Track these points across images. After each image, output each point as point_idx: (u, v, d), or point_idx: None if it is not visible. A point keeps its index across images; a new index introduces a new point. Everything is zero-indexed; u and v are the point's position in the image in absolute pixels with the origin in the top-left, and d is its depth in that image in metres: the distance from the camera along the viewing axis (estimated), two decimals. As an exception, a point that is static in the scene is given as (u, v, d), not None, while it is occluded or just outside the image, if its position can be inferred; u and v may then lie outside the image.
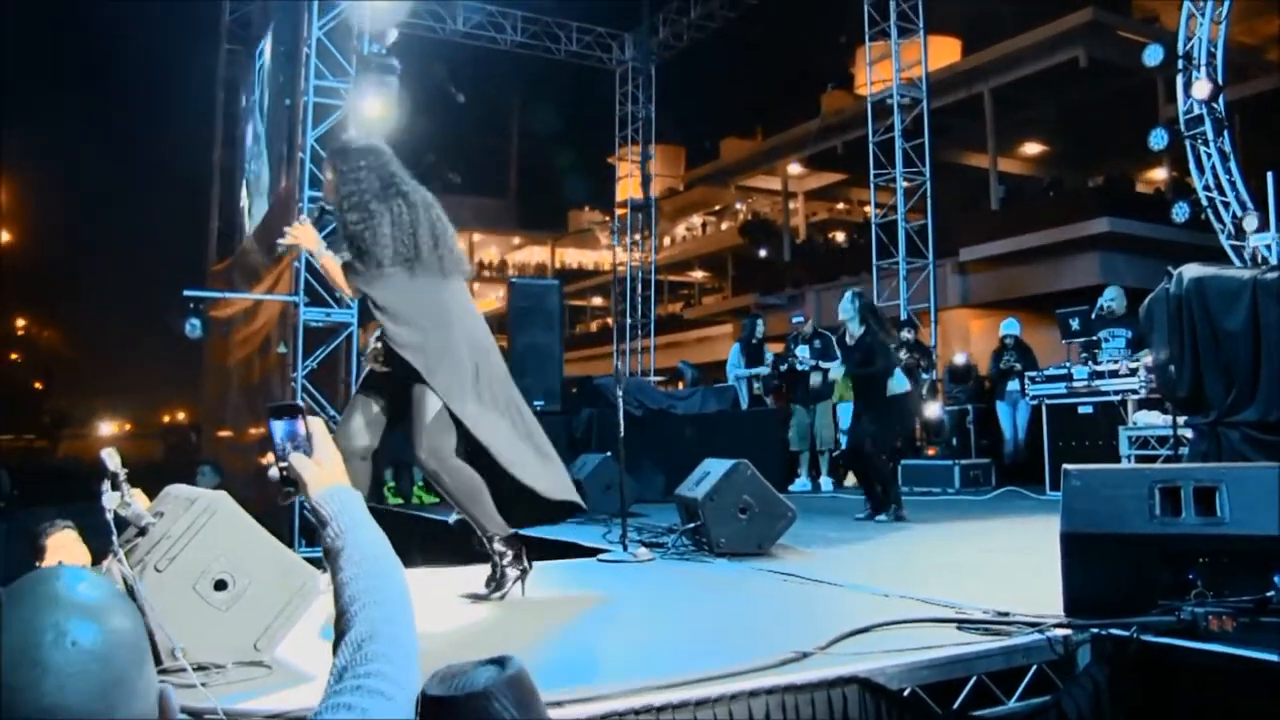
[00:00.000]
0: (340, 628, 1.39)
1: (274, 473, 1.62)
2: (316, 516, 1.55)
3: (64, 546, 4.63)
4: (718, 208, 40.21)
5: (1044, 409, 9.81)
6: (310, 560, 3.18)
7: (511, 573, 4.34)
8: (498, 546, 4.32)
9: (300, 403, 1.65)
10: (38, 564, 4.58)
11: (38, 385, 47.50)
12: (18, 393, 44.15)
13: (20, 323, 46.34)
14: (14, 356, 46.93)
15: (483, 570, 4.42)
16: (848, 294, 8.09)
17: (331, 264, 4.37)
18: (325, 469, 1.60)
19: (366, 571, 1.45)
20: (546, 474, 4.49)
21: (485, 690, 1.49)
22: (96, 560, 4.94)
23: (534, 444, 4.52)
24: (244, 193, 17.23)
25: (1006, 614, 3.43)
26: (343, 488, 1.58)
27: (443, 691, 1.51)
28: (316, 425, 1.63)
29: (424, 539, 8.47)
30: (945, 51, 24.56)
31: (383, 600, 1.40)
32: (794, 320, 11.90)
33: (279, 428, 1.62)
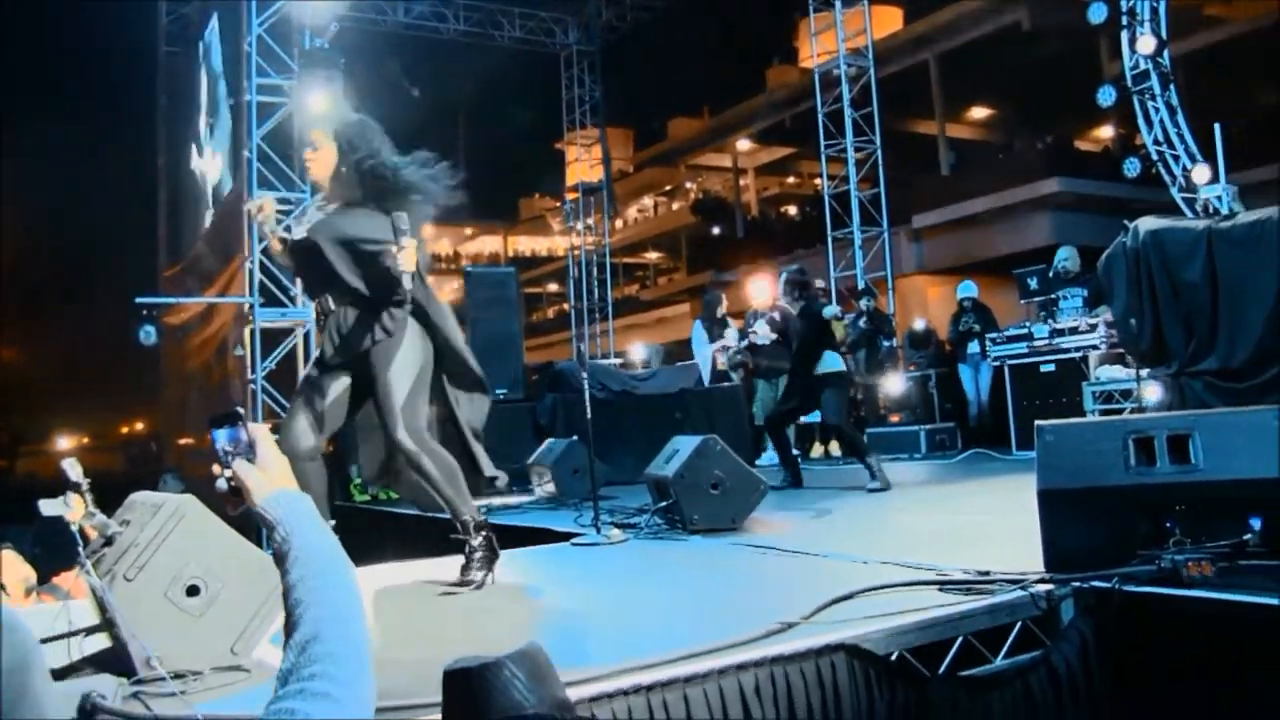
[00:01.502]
0: (287, 630, 1.36)
1: (221, 483, 1.59)
2: (263, 521, 1.53)
3: (5, 565, 4.54)
4: (668, 188, 40.21)
5: (1006, 369, 9.87)
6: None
7: (486, 559, 4.29)
8: (473, 532, 4.27)
9: (240, 409, 1.62)
10: None
11: (-11, 403, 46.72)
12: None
13: (-36, 338, 45.52)
14: (-36, 374, 46.12)
15: (455, 561, 4.37)
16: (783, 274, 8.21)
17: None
18: (270, 474, 1.57)
19: (313, 572, 1.42)
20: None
21: (497, 660, 1.56)
22: (54, 574, 4.86)
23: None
24: (200, 197, 16.99)
25: (988, 573, 3.43)
26: (288, 491, 1.56)
27: (461, 665, 1.58)
28: (259, 430, 1.61)
29: (396, 534, 8.41)
30: (887, 21, 24.63)
31: (328, 600, 1.38)
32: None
33: (221, 436, 1.59)
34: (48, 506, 3.87)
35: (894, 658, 2.89)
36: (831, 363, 7.73)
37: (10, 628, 1.08)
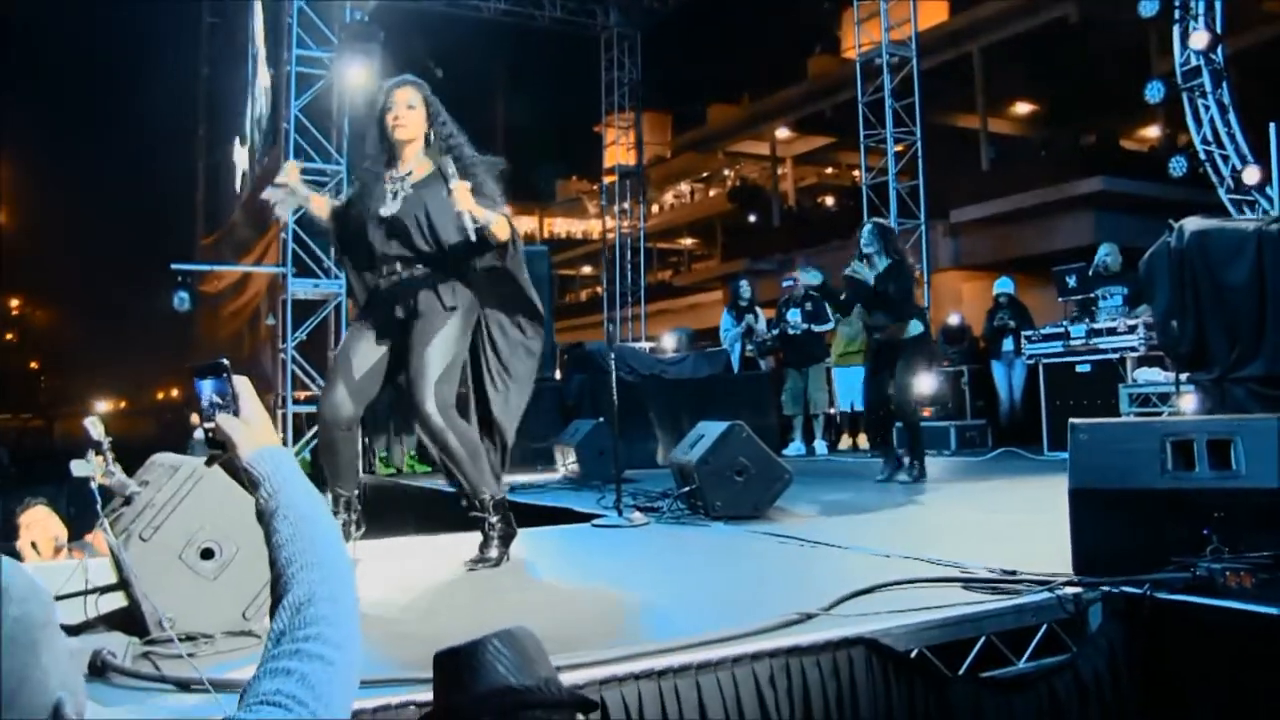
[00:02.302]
0: (277, 591, 1.33)
1: (199, 434, 1.55)
2: (248, 478, 1.49)
3: (37, 522, 4.59)
4: (706, 174, 40.05)
5: (1040, 368, 9.72)
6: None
7: (503, 537, 4.25)
8: (492, 510, 4.23)
9: (225, 360, 1.56)
10: (15, 542, 4.54)
11: (33, 365, 47.46)
12: (14, 373, 44.17)
13: (14, 303, 46.23)
14: (9, 337, 46.87)
15: (475, 537, 4.33)
16: (868, 225, 7.53)
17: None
18: (254, 429, 1.53)
19: (301, 533, 1.39)
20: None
21: (483, 638, 1.55)
22: (86, 532, 4.89)
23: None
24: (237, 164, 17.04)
25: (1014, 573, 3.34)
26: (274, 448, 1.52)
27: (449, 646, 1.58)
28: (243, 384, 1.56)
29: (418, 508, 8.40)
30: (933, 12, 24.35)
31: (319, 561, 1.35)
32: (784, 284, 11.81)
33: (205, 387, 1.54)
34: (78, 467, 3.86)
35: (914, 655, 2.82)
36: (916, 328, 7.42)
37: (29, 588, 1.04)
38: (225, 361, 1.57)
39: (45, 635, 1.02)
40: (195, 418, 1.56)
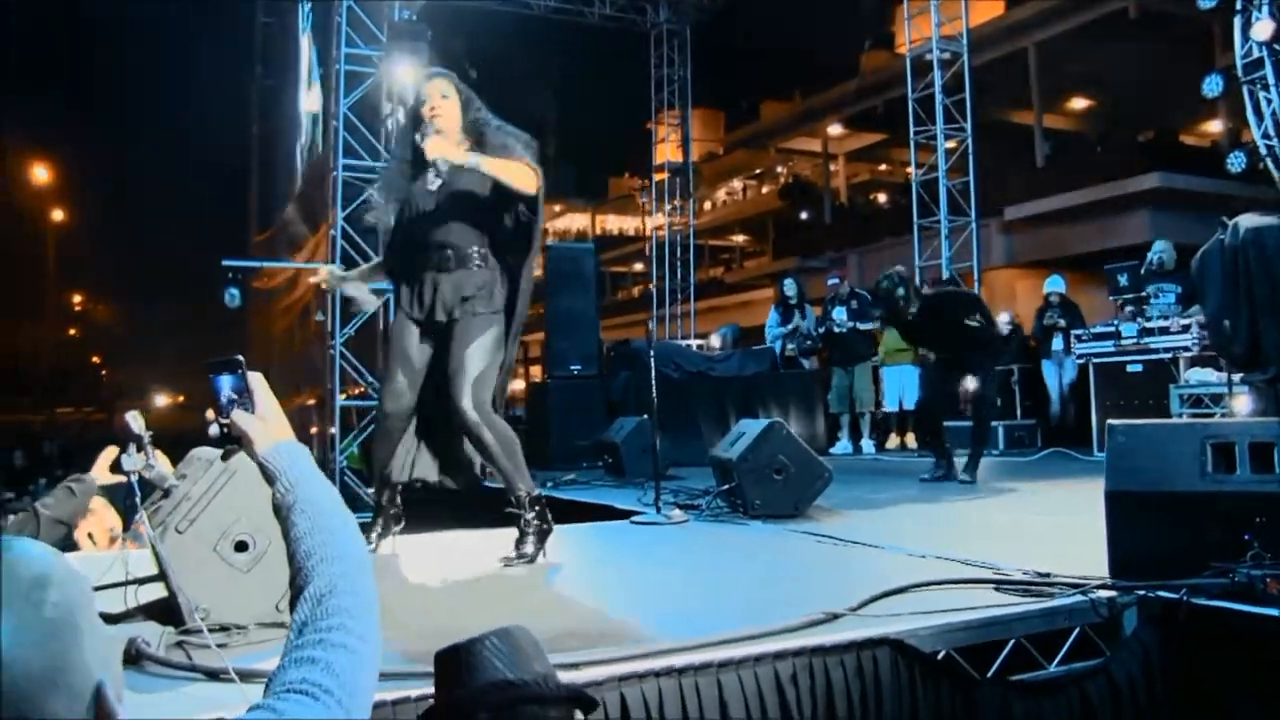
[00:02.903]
0: (298, 583, 1.36)
1: (214, 429, 1.58)
2: (264, 472, 1.53)
3: (94, 513, 4.67)
4: (758, 171, 39.84)
5: (1091, 368, 9.57)
6: (361, 525, 3.10)
7: (539, 533, 4.26)
8: (528, 507, 4.24)
9: (240, 356, 1.59)
10: (72, 531, 4.62)
11: (95, 359, 48.33)
12: (76, 367, 45.02)
13: (76, 299, 47.11)
14: (72, 332, 47.74)
15: (511, 534, 4.34)
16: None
17: (495, 161, 4.06)
18: (269, 424, 1.57)
19: (320, 526, 1.42)
20: None
21: (479, 637, 1.59)
22: (128, 525, 4.97)
23: None
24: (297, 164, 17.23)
25: (1047, 575, 3.29)
26: (289, 442, 1.55)
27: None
28: (258, 380, 1.59)
29: (454, 504, 8.44)
30: (989, 7, 24.05)
31: (338, 555, 1.38)
32: (829, 282, 11.74)
33: (221, 383, 1.58)
34: (127, 462, 3.93)
35: (940, 656, 2.79)
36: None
37: (68, 573, 1.06)
38: (240, 357, 1.61)
39: (86, 619, 1.04)
40: (210, 412, 1.58)
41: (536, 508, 4.28)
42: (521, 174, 4.05)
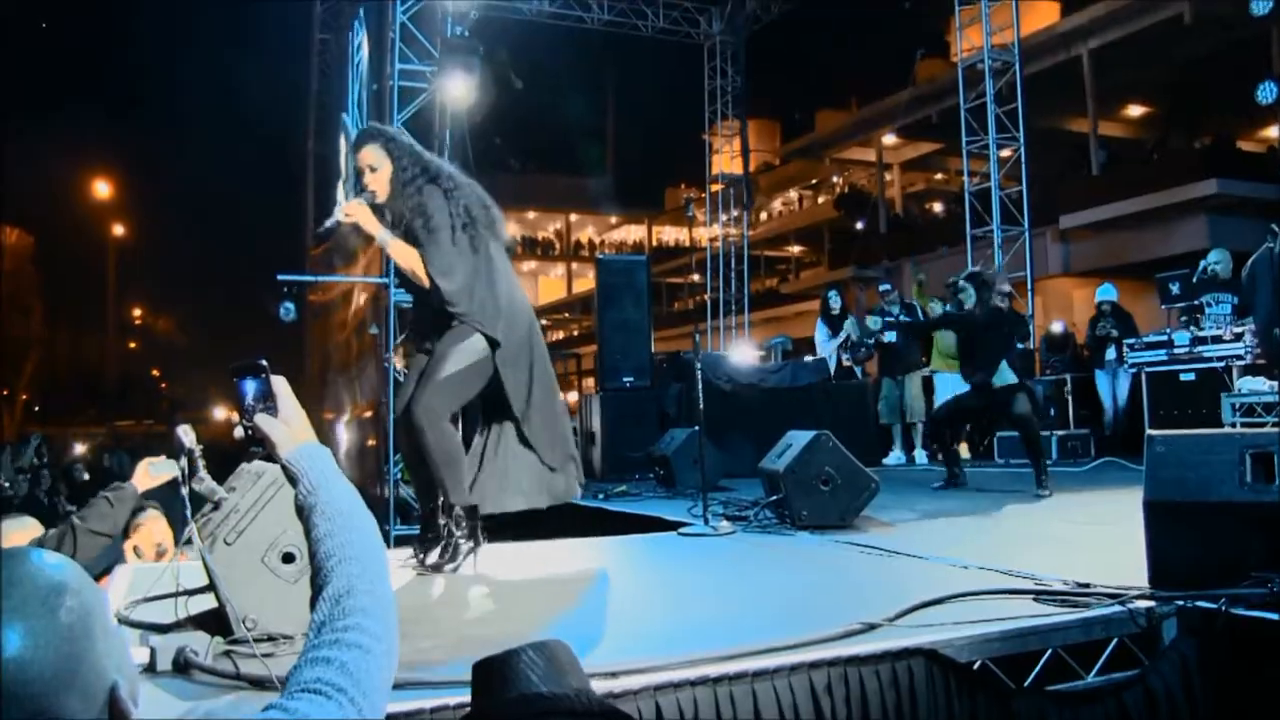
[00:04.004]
0: (317, 583, 1.40)
1: (239, 431, 1.62)
2: (287, 474, 1.56)
3: (144, 526, 4.80)
4: (814, 181, 39.72)
5: (1144, 377, 9.47)
6: (403, 539, 3.17)
7: (465, 545, 4.32)
8: (458, 516, 4.31)
9: (264, 360, 1.64)
10: (126, 542, 4.76)
11: (155, 372, 49.08)
12: (136, 380, 45.75)
13: (136, 313, 47.89)
14: (132, 345, 48.50)
15: (554, 545, 4.41)
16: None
17: (400, 246, 4.28)
18: (293, 427, 1.60)
19: (340, 527, 1.45)
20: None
21: (517, 649, 1.59)
22: (179, 538, 5.10)
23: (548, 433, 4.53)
24: (340, 180, 17.48)
25: (1087, 585, 3.30)
26: (311, 445, 1.58)
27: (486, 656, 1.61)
28: (281, 384, 1.63)
29: (520, 517, 8.52)
30: (1044, 14, 23.83)
31: (357, 555, 1.41)
32: (880, 289, 11.72)
33: (245, 387, 1.61)
34: (155, 468, 4.06)
35: (976, 666, 2.81)
36: (1008, 376, 7.35)
37: (81, 579, 1.12)
38: (264, 362, 1.64)
39: (99, 622, 1.09)
40: (235, 415, 1.64)
41: (467, 523, 4.34)
42: (415, 264, 4.18)
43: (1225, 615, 2.91)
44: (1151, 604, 3.05)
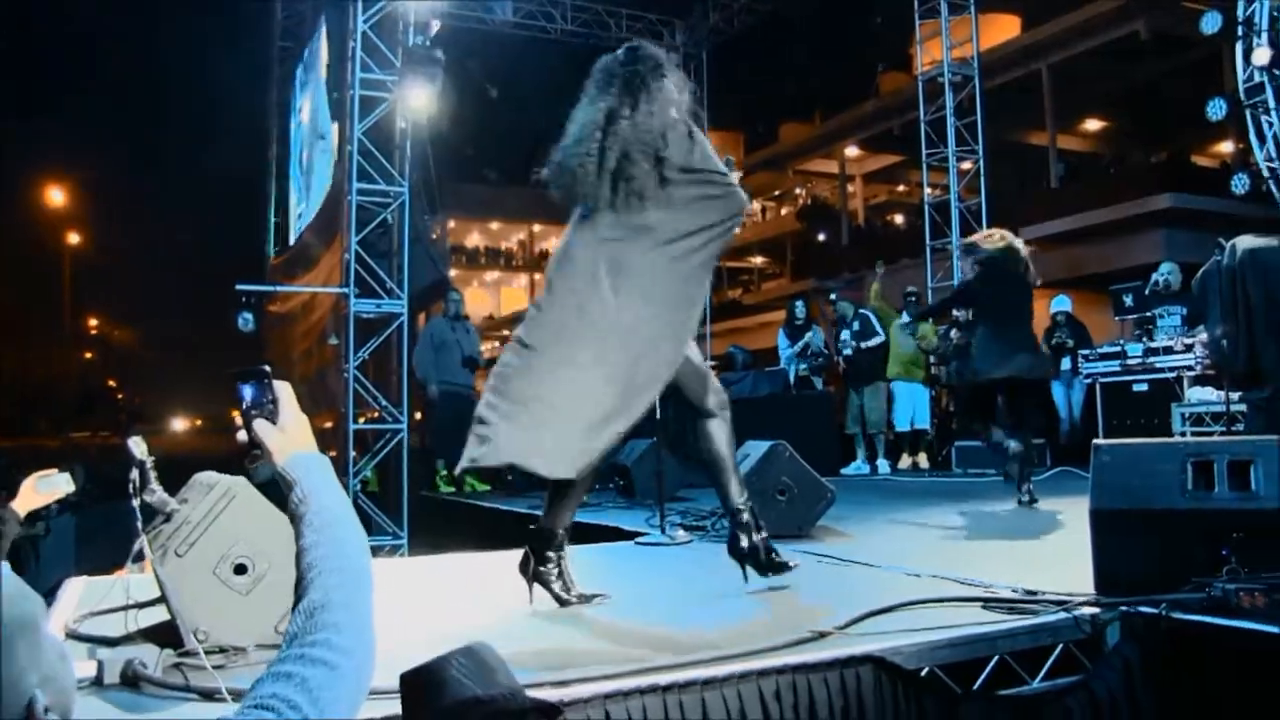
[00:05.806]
0: (297, 594, 1.37)
1: (241, 435, 1.60)
2: (282, 482, 1.54)
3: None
4: (777, 192, 39.95)
5: (1098, 387, 9.61)
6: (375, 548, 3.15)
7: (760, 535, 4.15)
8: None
9: (267, 366, 1.63)
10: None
11: (111, 383, 48.58)
12: (93, 391, 45.23)
13: (93, 323, 47.39)
14: (88, 355, 47.99)
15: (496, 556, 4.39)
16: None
17: None
18: (290, 435, 1.58)
19: (326, 538, 1.43)
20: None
21: (446, 656, 1.59)
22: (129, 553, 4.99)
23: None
24: (293, 188, 17.42)
25: (1035, 593, 3.35)
26: (307, 454, 1.57)
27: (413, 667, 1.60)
28: (284, 390, 1.61)
29: (477, 526, 8.53)
30: (1004, 29, 24.11)
31: (338, 568, 1.38)
32: (829, 297, 11.82)
33: (246, 392, 1.60)
34: (44, 484, 3.93)
35: (924, 673, 2.84)
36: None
37: (18, 590, 1.11)
38: (267, 368, 1.63)
39: (25, 635, 1.07)
40: (238, 419, 1.62)
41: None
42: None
43: (1166, 620, 2.97)
44: (1096, 610, 3.10)
